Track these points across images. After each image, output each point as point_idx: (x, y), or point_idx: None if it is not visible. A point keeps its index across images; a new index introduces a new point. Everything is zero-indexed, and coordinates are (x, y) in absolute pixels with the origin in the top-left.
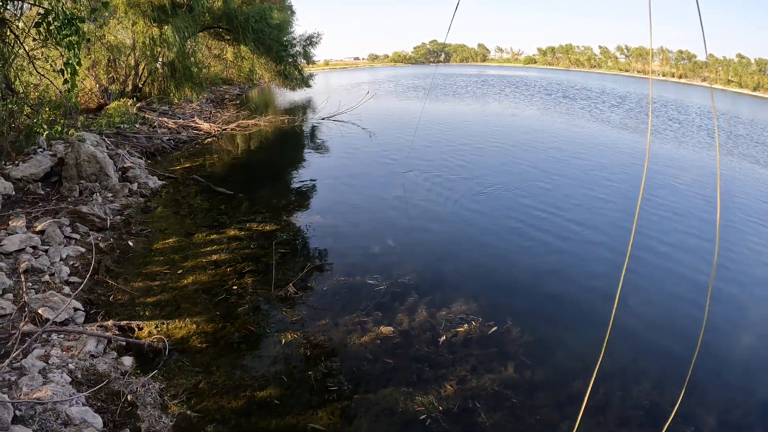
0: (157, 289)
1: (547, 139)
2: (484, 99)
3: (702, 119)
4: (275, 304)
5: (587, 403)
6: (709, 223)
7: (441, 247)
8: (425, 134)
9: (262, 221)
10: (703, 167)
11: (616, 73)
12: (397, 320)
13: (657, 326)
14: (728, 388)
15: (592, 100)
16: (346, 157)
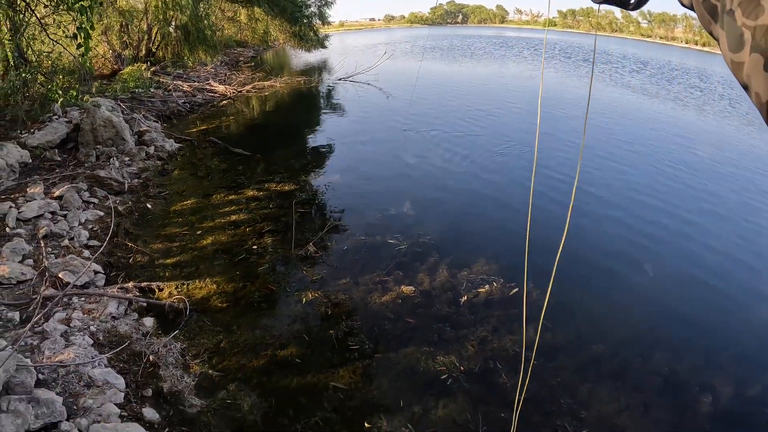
0: (176, 250)
1: (563, 102)
2: (502, 61)
3: (725, 89)
4: (295, 264)
5: (605, 368)
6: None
7: (461, 206)
8: (442, 96)
9: (281, 181)
10: (720, 136)
11: (638, 39)
12: (418, 280)
13: (677, 295)
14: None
15: (613, 64)
16: (363, 118)
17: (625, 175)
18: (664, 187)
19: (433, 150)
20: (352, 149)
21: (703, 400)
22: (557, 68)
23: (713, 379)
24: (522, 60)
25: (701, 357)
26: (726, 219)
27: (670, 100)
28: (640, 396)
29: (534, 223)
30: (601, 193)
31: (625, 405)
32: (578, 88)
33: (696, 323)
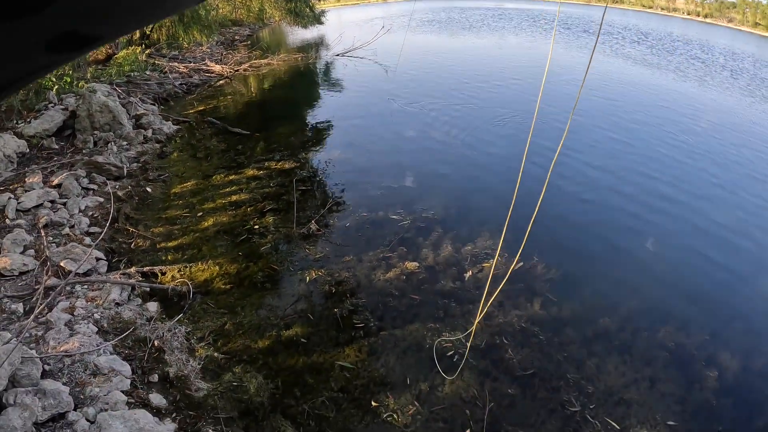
0: (177, 233)
1: (563, 73)
2: (500, 33)
3: (726, 60)
4: (298, 242)
5: (612, 342)
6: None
7: (463, 180)
8: (441, 69)
9: (281, 159)
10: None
11: (639, 9)
12: (422, 255)
13: (683, 270)
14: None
15: (614, 35)
16: (361, 93)
17: (627, 147)
18: (666, 158)
19: (432, 123)
20: (352, 125)
21: (709, 375)
22: (557, 40)
23: (719, 352)
24: (521, 31)
25: (707, 331)
26: (729, 191)
27: (670, 71)
28: (647, 370)
29: (534, 195)
30: (604, 165)
31: (632, 379)
32: (577, 58)
33: (702, 297)
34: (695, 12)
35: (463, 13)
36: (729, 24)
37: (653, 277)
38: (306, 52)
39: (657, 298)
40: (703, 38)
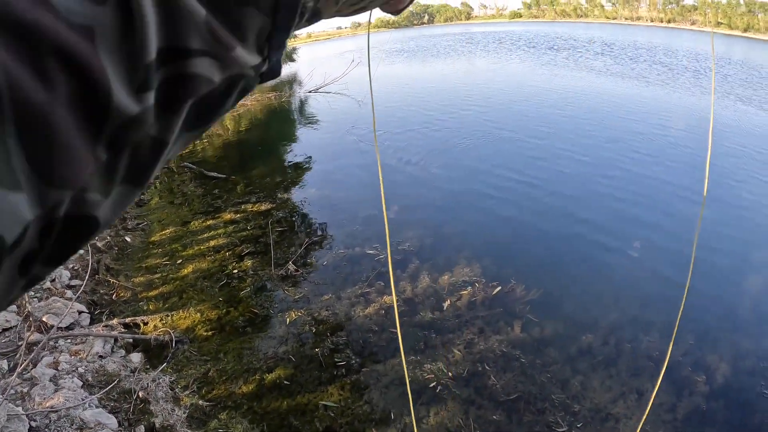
0: (158, 282)
1: (527, 92)
2: (467, 56)
3: (689, 61)
4: (277, 284)
5: (596, 357)
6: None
7: (436, 209)
8: (412, 97)
9: (257, 201)
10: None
11: (604, 22)
12: (400, 288)
13: (663, 275)
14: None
15: (577, 49)
16: (335, 128)
17: (593, 160)
18: (633, 170)
19: (402, 153)
20: (327, 161)
21: (697, 379)
22: (522, 58)
23: (705, 356)
24: (486, 54)
25: (692, 335)
26: (700, 196)
27: (632, 78)
28: (634, 382)
29: (511, 215)
30: (574, 181)
31: (619, 393)
32: (537, 76)
33: (687, 303)
34: (658, 18)
35: (431, 40)
36: (692, 26)
37: (633, 287)
38: (279, 91)
39: (638, 308)
40: (667, 42)
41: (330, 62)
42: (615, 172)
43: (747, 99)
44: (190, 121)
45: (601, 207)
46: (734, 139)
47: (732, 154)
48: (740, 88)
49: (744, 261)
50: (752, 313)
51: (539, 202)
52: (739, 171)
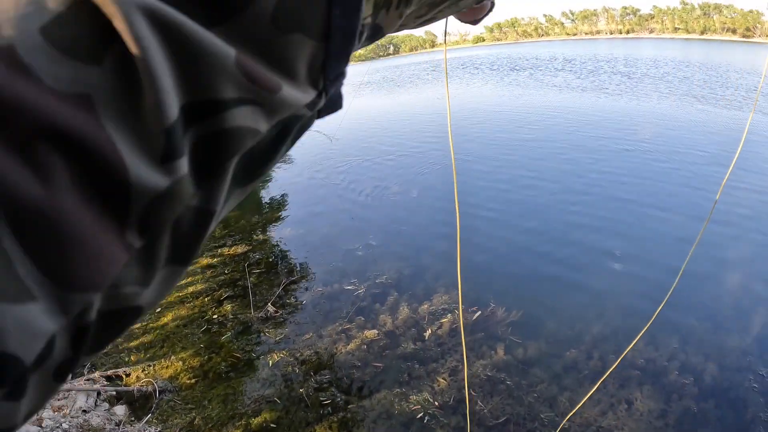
0: (138, 332)
1: (489, 116)
2: (432, 84)
3: (648, 68)
4: (257, 327)
5: (582, 372)
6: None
7: (411, 238)
8: (379, 128)
9: (233, 244)
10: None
11: (565, 38)
12: (380, 322)
13: (643, 282)
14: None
15: (538, 68)
16: (307, 165)
17: (560, 174)
18: (606, 181)
19: (373, 186)
20: (298, 199)
21: (685, 382)
22: (484, 81)
23: (691, 358)
24: (450, 79)
25: (675, 339)
26: (674, 201)
27: (592, 90)
28: (622, 392)
29: (485, 238)
30: (542, 196)
31: (608, 405)
32: (497, 98)
33: (665, 308)
34: (617, 30)
35: (396, 70)
36: (651, 34)
37: (614, 298)
38: None
39: (620, 318)
40: (628, 53)
41: None
42: (581, 187)
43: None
44: (238, 178)
45: (573, 222)
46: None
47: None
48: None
49: (720, 265)
50: (732, 313)
51: (511, 223)
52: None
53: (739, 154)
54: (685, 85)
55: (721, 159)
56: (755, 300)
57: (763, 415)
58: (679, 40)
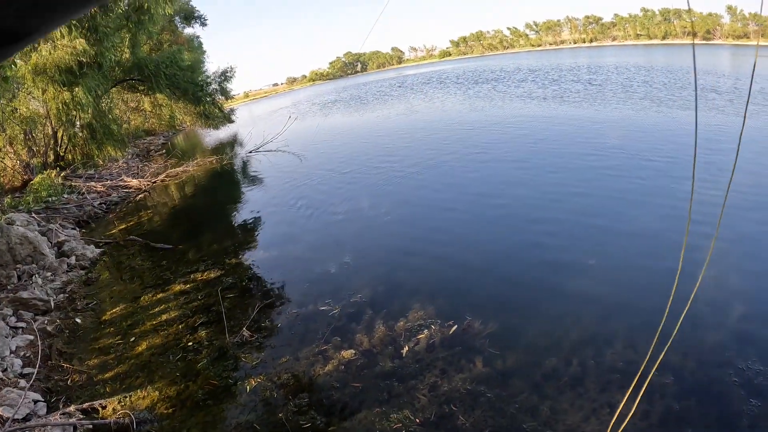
0: (113, 362)
1: (460, 130)
2: (399, 100)
3: (609, 75)
4: (233, 352)
5: (562, 379)
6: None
7: (384, 256)
8: (350, 146)
9: (206, 269)
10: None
11: (530, 50)
12: (357, 341)
13: (619, 286)
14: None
15: (502, 80)
16: (278, 186)
17: (525, 185)
18: (571, 188)
19: (346, 204)
20: (272, 221)
21: (665, 381)
22: (448, 95)
23: (670, 356)
24: (414, 95)
25: (651, 339)
26: (641, 204)
27: (550, 99)
28: (604, 397)
29: (459, 252)
30: (512, 206)
31: (590, 410)
32: (461, 113)
33: (642, 308)
34: (581, 39)
35: (363, 88)
36: (614, 42)
37: (589, 304)
38: (221, 153)
39: (597, 323)
40: (593, 61)
41: (270, 119)
42: (552, 197)
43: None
44: None
45: (545, 230)
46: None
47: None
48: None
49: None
50: (709, 310)
51: (483, 235)
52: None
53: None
54: (644, 88)
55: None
56: (731, 296)
57: (746, 408)
58: (641, 46)
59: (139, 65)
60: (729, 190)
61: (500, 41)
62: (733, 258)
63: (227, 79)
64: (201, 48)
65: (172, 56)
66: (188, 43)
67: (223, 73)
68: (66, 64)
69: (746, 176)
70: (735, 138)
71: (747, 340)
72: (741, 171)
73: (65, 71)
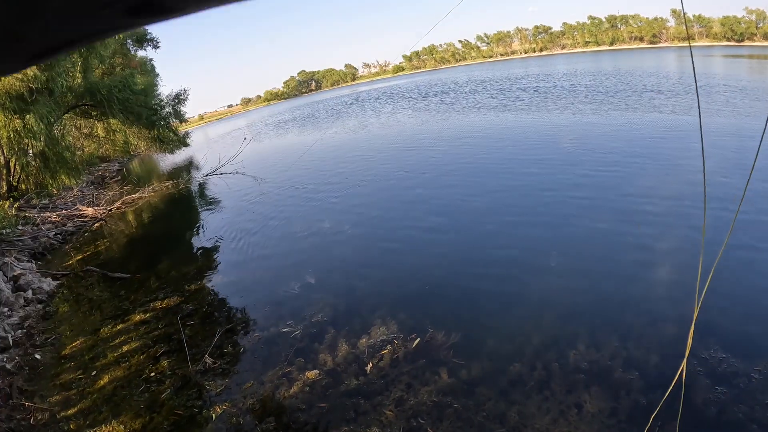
0: (76, 398)
1: (409, 144)
2: (353, 116)
3: (554, 81)
4: (197, 380)
5: (528, 384)
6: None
7: (345, 274)
8: (304, 165)
9: (165, 297)
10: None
11: (482, 61)
12: (320, 361)
13: (577, 289)
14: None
15: (451, 92)
16: (237, 208)
17: (477, 191)
18: (526, 191)
19: (303, 224)
20: (230, 244)
21: (630, 377)
22: (405, 106)
23: (632, 353)
24: (363, 111)
25: (615, 337)
26: (594, 206)
27: (498, 108)
28: (571, 398)
29: (417, 265)
30: (460, 213)
31: (558, 412)
32: (412, 127)
33: (601, 308)
34: (531, 49)
35: (318, 105)
36: (563, 50)
37: (549, 309)
38: (177, 178)
39: (559, 326)
40: (543, 70)
41: (225, 140)
42: (502, 201)
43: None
44: None
45: (500, 239)
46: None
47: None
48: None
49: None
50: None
51: (441, 248)
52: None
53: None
54: (591, 93)
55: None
56: (688, 291)
57: (712, 397)
58: (590, 53)
59: (92, 90)
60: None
61: (452, 54)
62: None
63: (181, 101)
64: (154, 71)
65: (124, 80)
66: (141, 66)
67: (177, 96)
68: (17, 91)
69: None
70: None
71: (705, 336)
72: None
73: (16, 98)
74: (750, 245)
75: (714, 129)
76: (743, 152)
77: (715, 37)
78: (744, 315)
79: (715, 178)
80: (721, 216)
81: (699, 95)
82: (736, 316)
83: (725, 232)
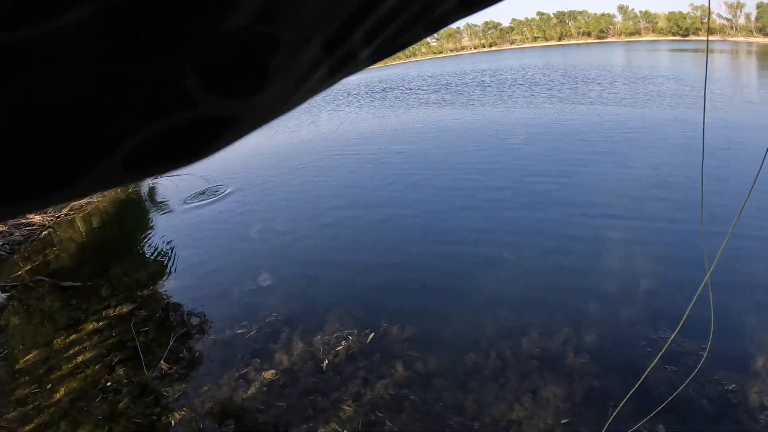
0: (32, 413)
1: (359, 140)
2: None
3: (504, 76)
4: (154, 387)
5: (483, 372)
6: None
7: (299, 273)
8: (253, 163)
9: (118, 304)
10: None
11: (432, 57)
12: (277, 361)
13: (530, 277)
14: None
15: (401, 89)
16: (188, 210)
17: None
18: (476, 179)
19: (256, 224)
20: (183, 247)
21: (582, 361)
22: (363, 105)
23: (583, 338)
24: (311, 109)
25: (566, 323)
26: (552, 195)
27: (441, 104)
28: (526, 383)
29: (370, 259)
30: (414, 205)
31: (514, 399)
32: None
33: (551, 296)
34: (480, 45)
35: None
36: (512, 46)
37: (502, 300)
38: None
39: (511, 315)
40: (493, 66)
41: None
42: (452, 195)
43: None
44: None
45: (451, 229)
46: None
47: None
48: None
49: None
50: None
51: (393, 243)
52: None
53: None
54: (538, 87)
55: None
56: (638, 275)
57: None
58: (538, 48)
59: None
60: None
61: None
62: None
63: None
64: None
65: None
66: None
67: None
68: None
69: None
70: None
71: (654, 314)
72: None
73: None
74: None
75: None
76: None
77: (661, 32)
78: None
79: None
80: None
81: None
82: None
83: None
